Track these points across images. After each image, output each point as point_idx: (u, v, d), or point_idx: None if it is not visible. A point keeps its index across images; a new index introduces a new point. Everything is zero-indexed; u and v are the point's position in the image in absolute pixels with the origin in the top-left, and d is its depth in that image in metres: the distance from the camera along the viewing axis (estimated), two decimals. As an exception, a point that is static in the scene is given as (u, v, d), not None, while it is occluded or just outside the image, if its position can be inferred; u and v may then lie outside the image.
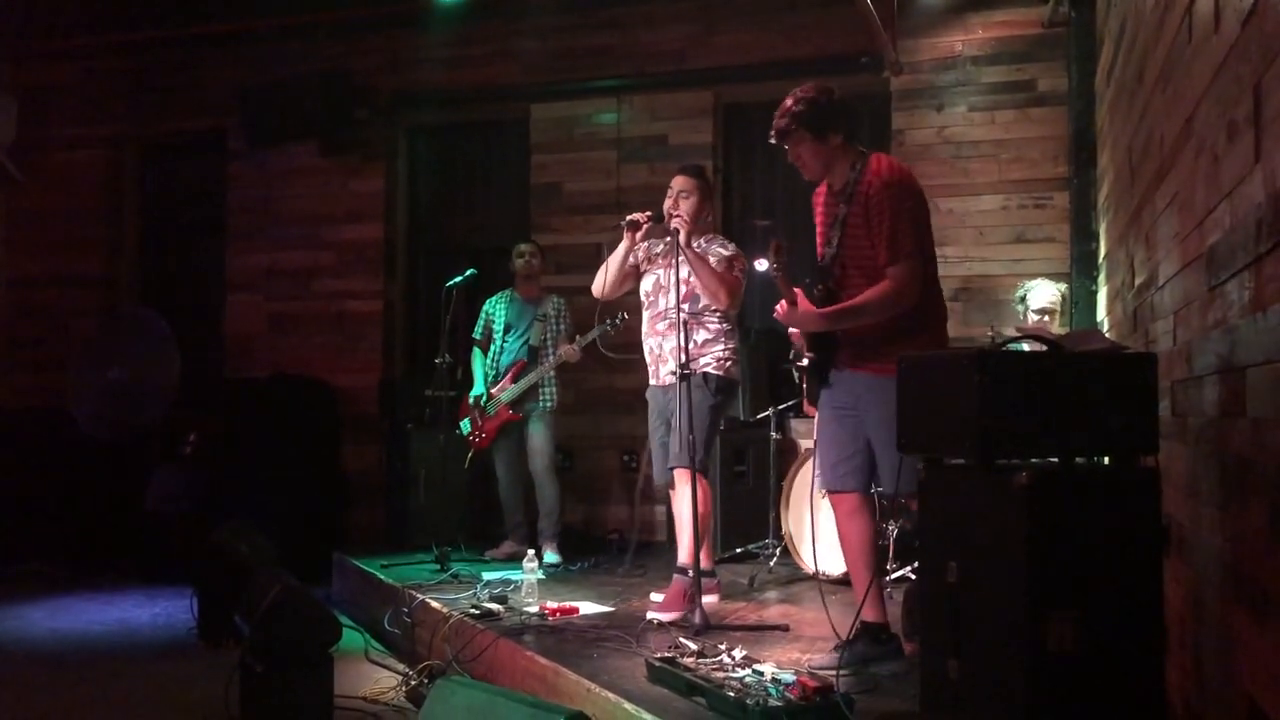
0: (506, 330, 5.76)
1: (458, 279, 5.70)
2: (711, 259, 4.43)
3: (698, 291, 4.42)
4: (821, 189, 3.55)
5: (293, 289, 7.41)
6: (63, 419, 7.00)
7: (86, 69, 7.89)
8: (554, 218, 6.87)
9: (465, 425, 5.75)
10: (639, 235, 4.47)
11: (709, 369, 4.43)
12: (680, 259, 4.25)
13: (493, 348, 5.78)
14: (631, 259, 4.55)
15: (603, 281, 4.57)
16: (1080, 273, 5.44)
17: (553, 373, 5.65)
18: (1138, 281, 3.59)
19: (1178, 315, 2.76)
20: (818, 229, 3.54)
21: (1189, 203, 2.57)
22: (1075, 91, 5.58)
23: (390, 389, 7.04)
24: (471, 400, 5.73)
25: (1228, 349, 2.17)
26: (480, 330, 5.85)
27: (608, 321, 5.30)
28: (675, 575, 4.26)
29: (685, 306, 4.33)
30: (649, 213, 4.42)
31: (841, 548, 3.52)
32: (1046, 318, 5.02)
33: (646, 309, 4.59)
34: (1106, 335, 4.23)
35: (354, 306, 7.32)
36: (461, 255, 6.54)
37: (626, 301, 4.86)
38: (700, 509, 4.14)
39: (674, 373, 4.21)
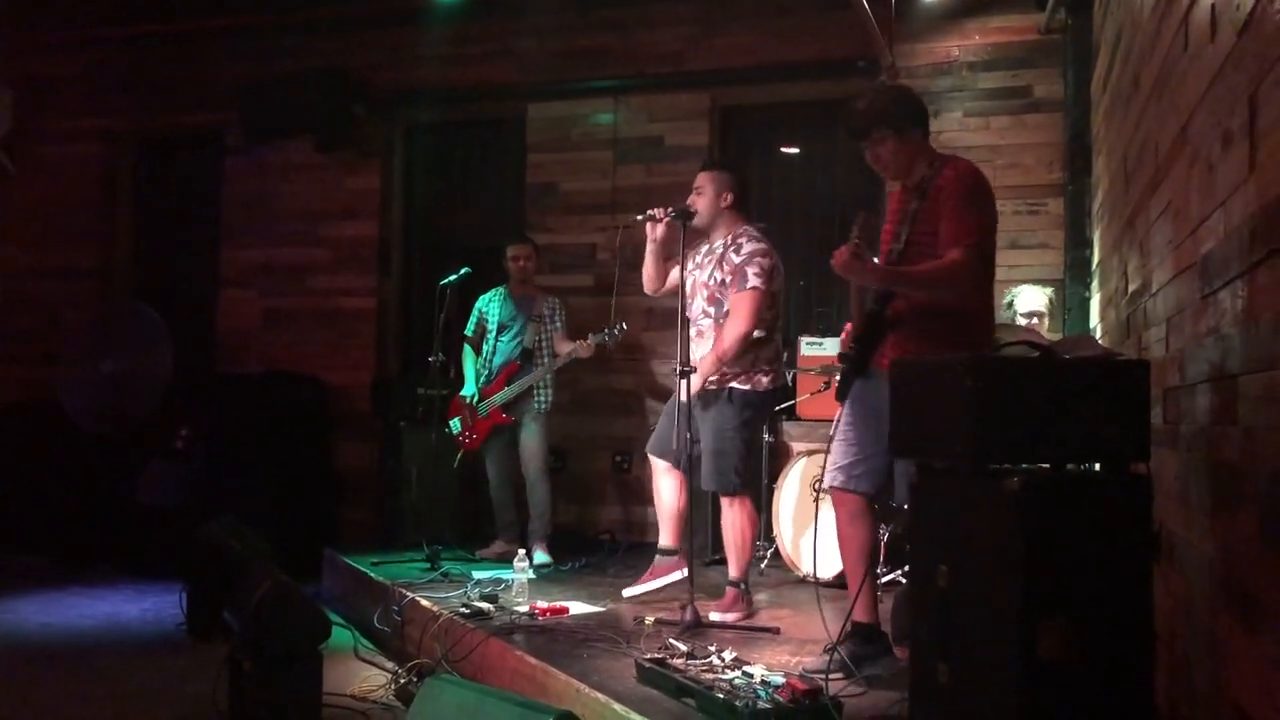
0: (500, 329, 5.71)
1: (452, 277, 5.67)
2: (725, 267, 4.25)
3: (719, 296, 4.25)
4: (898, 190, 3.41)
5: (287, 285, 7.40)
6: (54, 412, 6.97)
7: (84, 62, 7.86)
8: (549, 217, 6.86)
9: (455, 424, 5.73)
10: (658, 231, 4.35)
11: (734, 383, 4.19)
12: (694, 261, 4.21)
13: (485, 346, 5.75)
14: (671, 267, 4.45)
15: (645, 280, 4.54)
16: (1074, 279, 5.46)
17: (549, 374, 5.63)
18: (1131, 288, 3.60)
19: (1170, 323, 2.76)
20: (887, 228, 3.38)
21: (1183, 211, 2.58)
22: (1071, 98, 5.58)
23: (383, 386, 7.02)
24: (464, 399, 5.72)
25: (1220, 357, 2.18)
26: (473, 328, 5.82)
27: (605, 331, 5.28)
28: (729, 587, 4.28)
29: (711, 310, 4.25)
30: (670, 209, 4.27)
31: (841, 549, 3.48)
32: (1036, 320, 5.06)
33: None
34: (1099, 342, 4.24)
35: (348, 303, 7.31)
36: (456, 253, 6.52)
37: (640, 308, 4.84)
38: (744, 530, 4.24)
39: (683, 374, 4.03)
